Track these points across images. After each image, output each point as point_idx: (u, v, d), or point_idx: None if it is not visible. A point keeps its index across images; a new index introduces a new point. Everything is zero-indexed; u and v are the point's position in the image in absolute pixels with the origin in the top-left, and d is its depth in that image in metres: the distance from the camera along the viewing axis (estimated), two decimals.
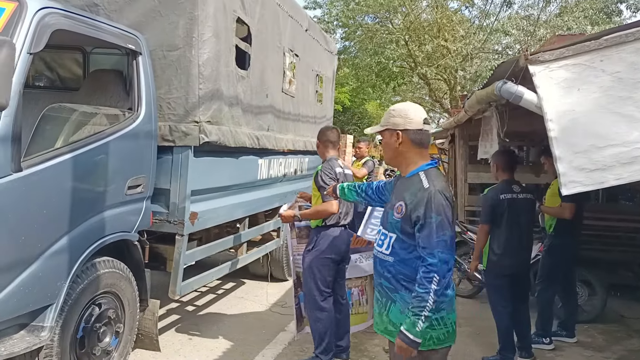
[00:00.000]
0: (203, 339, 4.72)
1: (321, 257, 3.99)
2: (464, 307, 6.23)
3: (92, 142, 3.22)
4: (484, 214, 4.52)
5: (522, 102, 2.89)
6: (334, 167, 4.03)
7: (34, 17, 2.80)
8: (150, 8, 3.85)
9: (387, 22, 19.68)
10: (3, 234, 2.63)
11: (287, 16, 5.74)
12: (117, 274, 3.57)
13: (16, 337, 2.89)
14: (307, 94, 6.67)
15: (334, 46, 8.15)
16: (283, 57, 5.67)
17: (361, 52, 19.34)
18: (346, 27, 19.34)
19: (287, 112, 5.87)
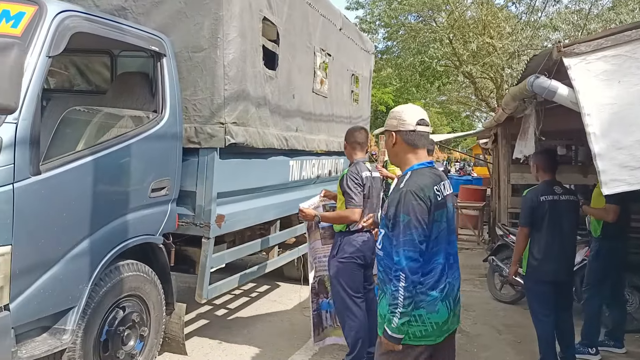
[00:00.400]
0: (232, 343, 4.68)
1: (346, 262, 3.88)
2: (506, 314, 6.00)
3: (113, 144, 3.21)
4: (523, 217, 4.30)
5: (555, 97, 2.71)
6: (361, 170, 3.90)
7: (53, 20, 2.80)
8: (176, 10, 3.83)
9: (430, 21, 19.31)
10: (22, 237, 2.63)
11: (319, 15, 5.65)
12: (141, 277, 3.55)
13: (38, 340, 2.90)
14: (342, 93, 6.55)
15: (371, 45, 7.99)
16: (314, 57, 5.58)
17: (404, 52, 19.03)
18: (388, 26, 19.06)
19: (318, 113, 5.77)
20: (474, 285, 7.20)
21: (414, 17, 19.31)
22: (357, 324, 3.89)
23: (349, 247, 3.88)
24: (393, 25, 18.92)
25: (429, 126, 2.53)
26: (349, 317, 3.91)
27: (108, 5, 3.84)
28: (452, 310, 2.43)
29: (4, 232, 2.55)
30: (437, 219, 2.37)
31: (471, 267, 8.17)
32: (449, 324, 2.44)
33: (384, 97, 27.22)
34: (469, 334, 5.30)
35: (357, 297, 3.92)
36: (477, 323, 5.66)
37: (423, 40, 18.46)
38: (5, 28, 2.72)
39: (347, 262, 3.87)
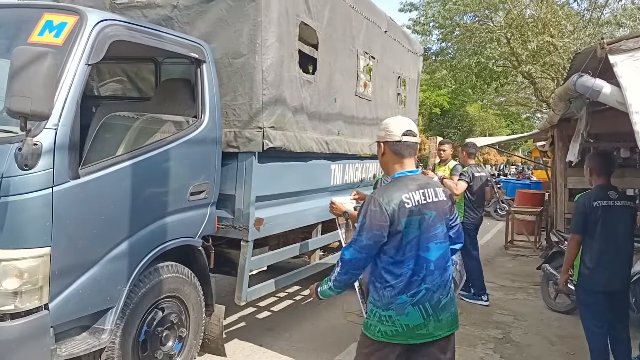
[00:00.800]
0: (273, 346, 4.69)
1: None
2: (560, 324, 5.74)
3: (151, 149, 3.29)
4: (574, 223, 4.09)
5: (600, 97, 2.56)
6: None
7: (93, 29, 2.91)
8: (218, 18, 3.90)
9: (487, 21, 18.83)
10: (61, 239, 2.73)
11: (362, 18, 5.60)
12: (180, 279, 3.62)
13: (78, 339, 3.00)
14: (387, 96, 6.47)
15: (419, 47, 7.86)
16: (357, 60, 5.53)
17: (459, 53, 18.63)
18: (443, 27, 18.73)
19: (361, 116, 5.72)
20: (527, 294, 6.93)
21: (469, 17, 18.89)
22: None
23: None
24: (447, 26, 18.57)
25: (415, 136, 2.64)
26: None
27: (155, 15, 3.95)
28: (431, 316, 2.48)
29: (43, 234, 2.65)
30: (406, 226, 2.45)
31: (525, 275, 7.88)
32: (429, 329, 2.49)
33: (439, 100, 26.75)
34: (519, 344, 5.10)
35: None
36: (528, 333, 5.44)
37: (479, 41, 18.02)
38: (48, 38, 2.84)
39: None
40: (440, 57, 19.56)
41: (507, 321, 5.78)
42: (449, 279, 2.61)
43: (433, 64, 20.12)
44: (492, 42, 17.70)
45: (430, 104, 27.39)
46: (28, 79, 2.22)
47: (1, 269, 2.57)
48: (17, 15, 3.10)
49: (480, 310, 6.10)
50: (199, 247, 3.78)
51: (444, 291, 2.54)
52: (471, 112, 31.37)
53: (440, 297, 2.52)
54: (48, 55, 2.27)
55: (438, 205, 2.57)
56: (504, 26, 17.67)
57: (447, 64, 19.45)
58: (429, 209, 2.52)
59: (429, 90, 26.73)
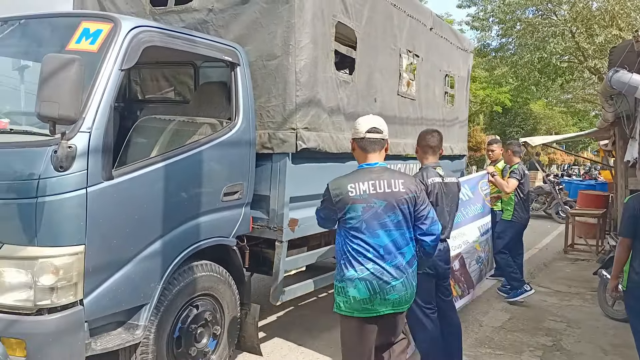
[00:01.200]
0: (311, 346, 4.70)
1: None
2: (616, 332, 5.44)
3: (184, 151, 3.38)
4: (623, 226, 3.87)
5: (638, 93, 2.40)
6: (428, 176, 3.72)
7: (127, 35, 3.02)
8: (252, 20, 3.95)
9: (550, 14, 18.10)
10: (95, 238, 2.86)
11: (405, 16, 5.52)
12: (215, 278, 3.70)
13: (113, 334, 3.13)
14: (433, 95, 6.34)
15: (469, 43, 7.65)
16: (399, 59, 5.46)
17: (520, 49, 18.00)
18: (503, 23, 18.15)
19: (404, 116, 5.63)
20: (584, 300, 6.61)
21: (531, 11, 18.21)
22: (428, 336, 3.74)
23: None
24: (508, 21, 17.98)
25: (380, 133, 3.00)
26: (420, 328, 3.77)
27: (192, 19, 4.06)
28: (378, 294, 2.82)
29: (77, 233, 2.78)
30: (351, 212, 2.84)
31: (583, 280, 7.52)
32: (375, 306, 2.84)
33: (500, 97, 25.93)
34: (569, 353, 4.88)
35: (428, 308, 3.76)
36: (580, 341, 5.19)
37: (542, 36, 17.35)
38: (85, 45, 2.98)
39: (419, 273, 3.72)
40: (500, 54, 18.97)
41: (559, 328, 5.54)
42: (404, 265, 2.88)
43: (493, 61, 19.53)
44: (556, 36, 17.02)
45: (491, 102, 26.61)
46: (56, 85, 2.34)
47: (38, 265, 2.71)
48: (60, 23, 3.26)
49: (531, 316, 5.87)
50: (233, 246, 3.84)
51: (396, 274, 2.84)
52: (535, 110, 30.23)
53: (389, 279, 2.82)
54: (75, 62, 2.39)
55: (389, 195, 2.85)
56: (569, 20, 16.95)
57: (508, 60, 18.84)
58: (378, 199, 2.83)
59: (490, 87, 25.98)
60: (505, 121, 29.62)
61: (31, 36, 3.29)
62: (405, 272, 2.88)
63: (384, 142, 3.04)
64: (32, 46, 3.26)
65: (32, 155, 2.75)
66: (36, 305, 2.74)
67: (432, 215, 2.97)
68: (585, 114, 29.37)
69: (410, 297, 2.97)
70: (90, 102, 2.82)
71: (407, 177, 3.03)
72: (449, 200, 3.78)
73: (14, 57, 3.51)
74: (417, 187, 2.96)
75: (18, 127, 3.11)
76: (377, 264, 2.81)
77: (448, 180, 3.83)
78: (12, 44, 3.35)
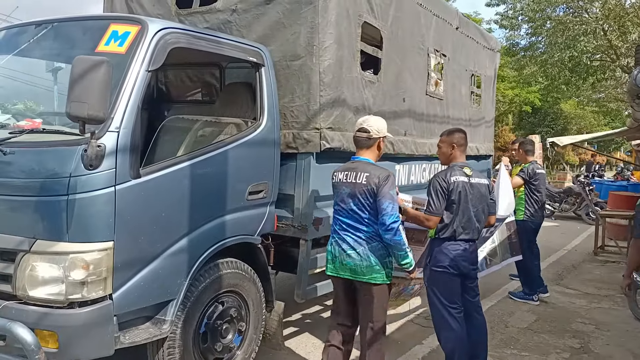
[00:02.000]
0: None
1: (438, 271, 3.73)
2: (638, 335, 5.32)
3: (210, 150, 3.44)
4: (637, 227, 3.81)
5: None
6: (451, 175, 3.71)
7: (154, 37, 3.10)
8: (275, 20, 4.00)
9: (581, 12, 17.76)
10: (123, 234, 2.94)
11: (432, 15, 5.51)
12: (240, 275, 3.76)
13: (141, 328, 3.21)
14: (459, 95, 6.32)
15: (495, 42, 7.58)
16: (427, 59, 5.46)
17: (550, 47, 17.71)
18: (532, 21, 17.90)
19: (432, 116, 5.63)
20: (613, 303, 6.48)
21: (562, 9, 17.91)
22: (453, 335, 3.73)
23: (442, 256, 3.72)
24: (537, 20, 17.71)
25: (366, 133, 3.49)
26: (445, 327, 3.76)
27: (216, 20, 4.13)
28: (337, 258, 3.49)
29: (106, 230, 2.87)
30: (334, 194, 3.55)
31: (613, 282, 7.35)
32: (337, 268, 3.51)
33: (530, 97, 25.53)
34: (597, 355, 4.80)
35: (453, 308, 3.74)
36: (609, 344, 5.09)
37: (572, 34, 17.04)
38: (113, 47, 3.07)
39: (440, 271, 3.72)
40: (529, 53, 18.70)
41: (587, 330, 5.44)
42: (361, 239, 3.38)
43: (522, 60, 19.27)
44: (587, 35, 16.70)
45: (520, 101, 26.23)
46: (85, 86, 2.42)
47: (70, 260, 2.80)
48: (90, 26, 3.37)
49: (558, 318, 5.78)
50: (258, 244, 3.89)
51: (353, 244, 3.40)
52: (566, 109, 29.67)
53: (346, 248, 3.42)
54: (104, 63, 2.46)
55: (351, 185, 3.40)
56: (601, 17, 16.62)
57: (537, 59, 18.56)
58: (345, 186, 3.42)
59: (518, 87, 25.60)
60: (535, 121, 29.15)
61: (63, 39, 3.40)
62: (362, 245, 3.38)
63: (370, 142, 3.50)
64: (63, 48, 3.37)
65: (64, 154, 2.84)
66: (67, 299, 2.83)
67: (385, 208, 3.28)
68: (618, 114, 28.68)
69: (367, 270, 3.38)
70: (119, 103, 2.90)
71: (375, 172, 3.37)
72: (472, 199, 3.75)
73: (47, 59, 3.63)
74: (380, 183, 3.32)
75: (51, 126, 3.20)
76: (340, 235, 3.46)
77: (475, 180, 3.79)
78: (45, 47, 3.46)
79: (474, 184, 3.78)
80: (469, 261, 3.76)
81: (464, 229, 3.72)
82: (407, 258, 3.39)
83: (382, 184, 3.33)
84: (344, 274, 3.48)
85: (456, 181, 3.69)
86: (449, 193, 3.66)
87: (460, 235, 3.71)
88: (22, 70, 3.73)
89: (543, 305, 6.22)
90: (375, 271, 3.39)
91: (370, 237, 3.39)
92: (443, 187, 3.67)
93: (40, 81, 3.66)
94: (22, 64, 3.67)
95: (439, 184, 3.69)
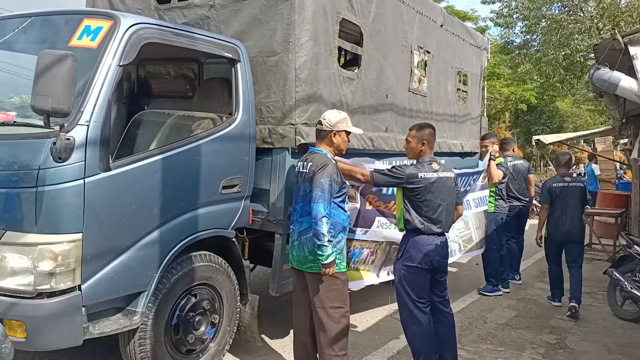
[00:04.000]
0: None
1: (409, 266, 3.76)
2: (624, 332, 5.40)
3: (183, 144, 3.48)
4: (544, 196, 3.88)
5: (618, 90, 2.42)
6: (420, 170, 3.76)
7: (126, 32, 3.13)
8: (252, 16, 4.04)
9: (576, 11, 17.79)
10: (92, 226, 2.98)
11: (415, 13, 5.54)
12: (213, 268, 3.80)
13: (112, 319, 3.26)
14: (445, 92, 6.34)
15: (483, 40, 7.60)
16: (410, 56, 5.48)
17: (544, 45, 17.74)
18: (527, 19, 17.92)
19: (415, 112, 5.65)
20: (594, 300, 6.54)
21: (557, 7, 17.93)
22: (420, 330, 3.77)
23: (416, 253, 3.74)
24: (532, 18, 17.74)
25: (320, 125, 3.68)
26: (412, 322, 3.80)
27: (194, 15, 4.16)
28: (291, 247, 3.66)
29: (75, 222, 2.91)
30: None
31: (597, 280, 7.40)
32: (291, 256, 3.68)
33: (525, 95, 25.53)
34: (572, 351, 4.85)
35: (421, 303, 3.79)
36: (586, 340, 5.15)
37: (567, 33, 17.07)
38: (85, 42, 3.11)
39: (412, 267, 3.75)
40: (524, 51, 18.72)
41: (565, 326, 5.50)
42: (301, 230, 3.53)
43: (517, 58, 19.29)
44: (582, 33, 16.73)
45: (515, 99, 26.24)
46: (50, 79, 2.46)
47: (38, 251, 2.84)
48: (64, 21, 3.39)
49: (538, 314, 5.84)
50: (232, 238, 3.93)
51: (296, 236, 3.56)
52: (562, 107, 29.69)
53: (294, 239, 3.60)
54: (69, 57, 2.50)
55: (301, 175, 3.57)
56: (595, 16, 16.66)
57: (532, 57, 18.59)
58: (300, 176, 3.57)
59: (513, 85, 25.62)
60: (531, 119, 29.16)
61: (36, 33, 3.42)
62: (300, 238, 3.54)
63: (323, 133, 3.66)
64: (38, 42, 3.39)
65: (33, 147, 2.88)
66: (36, 289, 2.88)
67: (313, 195, 3.40)
68: None
69: (305, 261, 3.53)
70: (89, 96, 2.94)
71: (315, 161, 3.50)
72: (444, 195, 3.79)
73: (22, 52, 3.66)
74: (316, 170, 3.43)
75: (23, 119, 3.24)
76: (295, 226, 3.63)
77: (443, 174, 3.83)
78: (21, 40, 3.49)
79: (442, 177, 3.82)
80: (441, 255, 3.81)
81: (435, 221, 3.76)
82: (324, 251, 3.34)
83: (317, 172, 3.43)
84: (293, 263, 3.68)
85: (424, 177, 3.73)
86: (422, 189, 3.71)
87: (429, 229, 3.74)
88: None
89: (524, 301, 6.28)
90: (309, 261, 3.52)
91: (307, 228, 3.50)
92: (398, 172, 3.75)
93: (15, 75, 3.69)
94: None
95: (396, 168, 3.78)
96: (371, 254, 4.67)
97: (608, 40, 2.76)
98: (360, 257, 4.58)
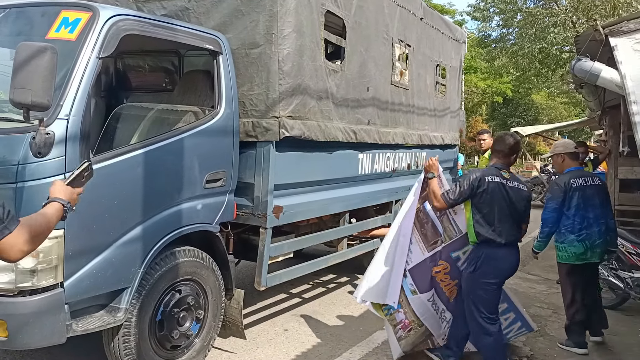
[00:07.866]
0: (297, 331, 4.78)
1: (483, 281, 3.66)
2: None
3: (164, 138, 3.43)
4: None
5: (599, 81, 2.44)
6: (484, 174, 3.70)
7: (105, 24, 3.07)
8: (233, 8, 3.98)
9: (551, 4, 18.00)
10: (73, 223, 2.90)
11: (396, 6, 5.54)
12: (198, 263, 3.76)
13: (95, 316, 3.20)
14: (425, 85, 6.37)
15: (462, 33, 7.65)
16: (391, 49, 5.49)
17: (520, 39, 17.94)
18: (503, 13, 18.09)
19: (397, 105, 5.67)
20: None
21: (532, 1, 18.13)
22: (493, 339, 3.69)
23: (491, 268, 3.65)
24: (509, 12, 17.91)
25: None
26: (484, 333, 3.70)
27: (173, 6, 4.09)
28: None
29: None
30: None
31: None
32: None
33: (502, 88, 25.83)
34: (553, 338, 4.93)
35: (492, 318, 3.72)
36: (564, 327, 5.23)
37: (542, 26, 17.27)
38: (64, 34, 3.03)
39: (483, 280, 3.65)
40: (500, 44, 18.91)
41: (545, 315, 5.59)
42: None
43: (493, 51, 19.47)
44: (557, 26, 16.93)
45: (492, 92, 26.54)
46: (29, 72, 2.38)
47: None
48: (41, 12, 3.30)
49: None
50: (216, 233, 3.89)
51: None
52: (537, 100, 30.11)
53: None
54: (48, 50, 2.43)
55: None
56: (570, 9, 16.87)
57: (508, 51, 18.79)
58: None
59: (490, 78, 25.89)
60: (507, 112, 29.53)
61: (14, 25, 3.33)
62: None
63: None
64: (14, 35, 3.30)
65: (12, 142, 2.81)
66: (17, 287, 2.81)
67: None
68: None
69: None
70: (68, 90, 2.88)
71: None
72: (514, 204, 3.73)
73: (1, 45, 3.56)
74: None
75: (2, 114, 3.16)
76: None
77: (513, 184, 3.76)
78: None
79: (513, 187, 3.73)
80: (510, 267, 3.76)
81: (505, 233, 3.65)
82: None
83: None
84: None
85: (491, 181, 3.64)
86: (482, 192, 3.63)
87: (500, 239, 3.64)
88: None
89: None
90: None
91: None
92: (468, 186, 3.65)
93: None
94: None
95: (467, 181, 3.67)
96: (404, 326, 4.04)
97: (589, 31, 2.78)
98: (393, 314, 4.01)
